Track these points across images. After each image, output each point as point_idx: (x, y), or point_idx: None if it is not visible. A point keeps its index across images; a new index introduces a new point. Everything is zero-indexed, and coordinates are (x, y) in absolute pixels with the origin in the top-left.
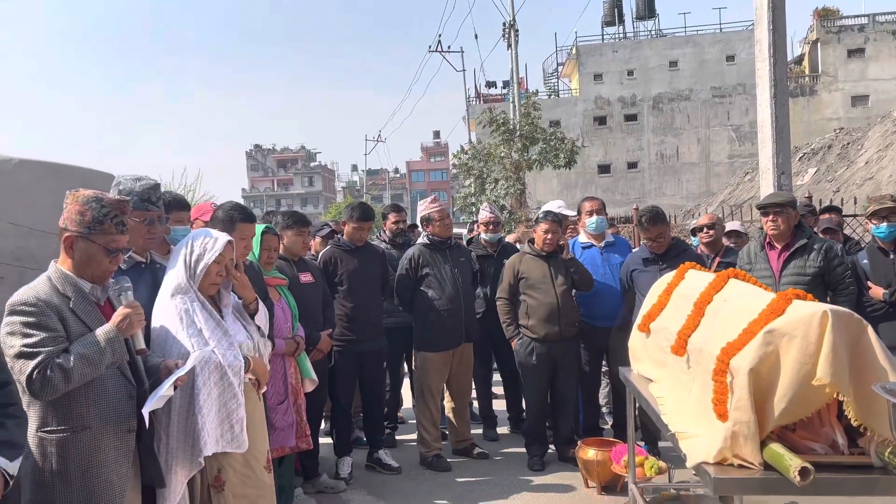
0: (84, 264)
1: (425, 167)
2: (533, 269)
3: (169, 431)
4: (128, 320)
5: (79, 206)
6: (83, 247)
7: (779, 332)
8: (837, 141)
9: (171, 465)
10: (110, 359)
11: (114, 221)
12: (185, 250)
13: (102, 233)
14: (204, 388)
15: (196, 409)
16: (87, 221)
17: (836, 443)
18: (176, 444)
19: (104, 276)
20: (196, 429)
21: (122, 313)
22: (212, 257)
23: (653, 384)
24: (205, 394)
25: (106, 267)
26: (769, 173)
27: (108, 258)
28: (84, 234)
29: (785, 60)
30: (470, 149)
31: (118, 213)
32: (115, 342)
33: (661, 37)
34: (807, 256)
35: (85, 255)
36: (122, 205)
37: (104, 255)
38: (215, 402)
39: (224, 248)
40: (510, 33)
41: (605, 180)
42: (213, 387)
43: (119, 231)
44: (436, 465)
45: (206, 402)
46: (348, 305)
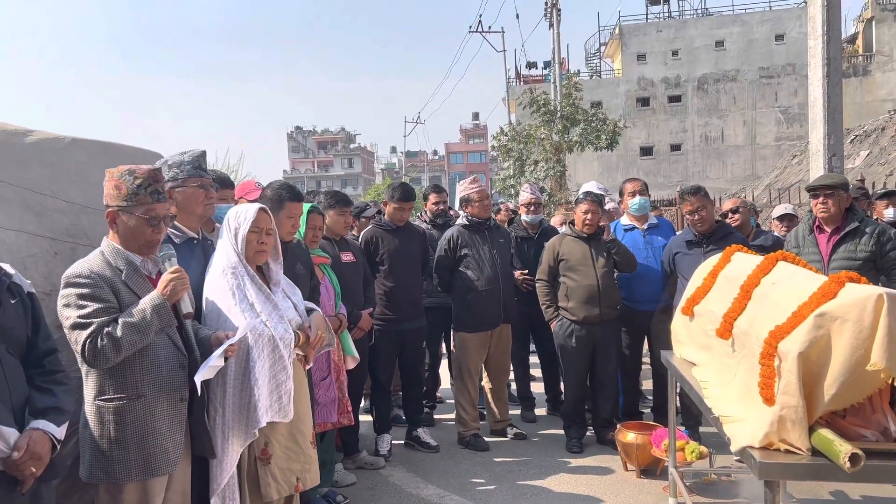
0: (129, 237)
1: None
2: (573, 250)
3: (225, 403)
4: (171, 285)
5: (114, 182)
6: (124, 220)
7: (831, 315)
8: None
9: (228, 436)
10: (157, 325)
11: (148, 191)
12: (226, 227)
13: (139, 204)
14: (259, 361)
15: (252, 381)
16: (124, 195)
17: (888, 430)
18: (232, 416)
19: (150, 247)
20: (252, 401)
21: (165, 279)
22: (247, 227)
23: (696, 368)
24: (259, 366)
25: (149, 237)
26: (819, 155)
27: (149, 228)
28: (123, 208)
29: (839, 38)
30: (510, 130)
31: (152, 182)
32: (161, 308)
33: (707, 16)
34: (858, 240)
35: (127, 227)
36: (154, 173)
37: (146, 224)
38: (267, 374)
39: (257, 216)
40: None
41: (648, 163)
42: (266, 359)
43: (155, 199)
44: (474, 445)
45: (261, 375)
46: (389, 285)
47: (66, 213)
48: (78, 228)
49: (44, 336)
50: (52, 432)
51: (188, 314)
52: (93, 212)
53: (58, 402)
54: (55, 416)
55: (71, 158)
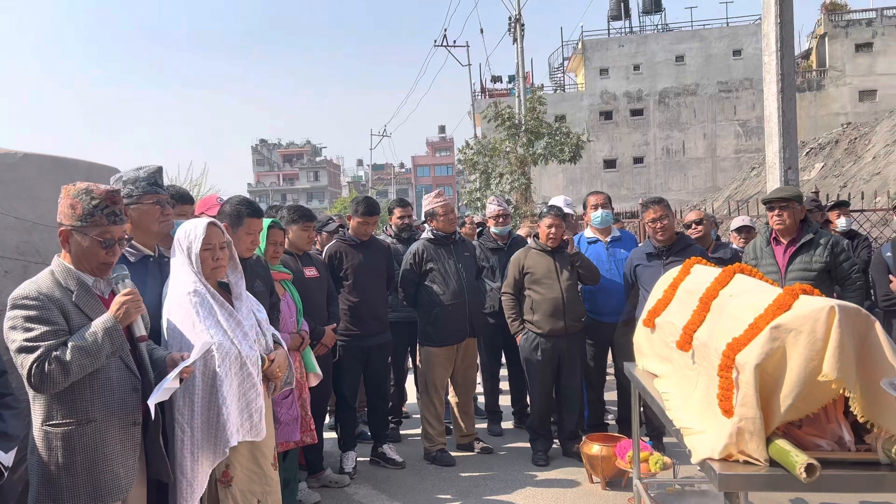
0: (81, 257)
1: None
2: (538, 263)
3: (193, 424)
4: (125, 307)
5: (70, 200)
6: (78, 240)
7: (785, 327)
8: (844, 136)
9: (198, 457)
10: (109, 348)
11: (104, 212)
12: (178, 246)
13: (94, 224)
14: (226, 380)
15: (220, 401)
16: (79, 214)
17: (843, 439)
18: (201, 436)
19: (103, 269)
20: (221, 420)
21: (118, 301)
22: (198, 246)
23: (658, 380)
24: (227, 385)
25: (103, 259)
26: (776, 168)
27: (103, 250)
28: (77, 227)
29: (792, 54)
30: (475, 144)
31: (109, 204)
32: (114, 331)
33: (667, 31)
34: (813, 252)
35: (80, 248)
36: (112, 195)
37: (99, 246)
38: (235, 392)
39: (207, 233)
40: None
41: (611, 175)
42: (234, 377)
43: (111, 221)
44: (440, 460)
45: (228, 393)
46: (353, 300)
47: (17, 230)
48: (29, 246)
49: None
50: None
51: (142, 337)
52: (44, 228)
53: (6, 427)
54: (3, 442)
55: (22, 174)
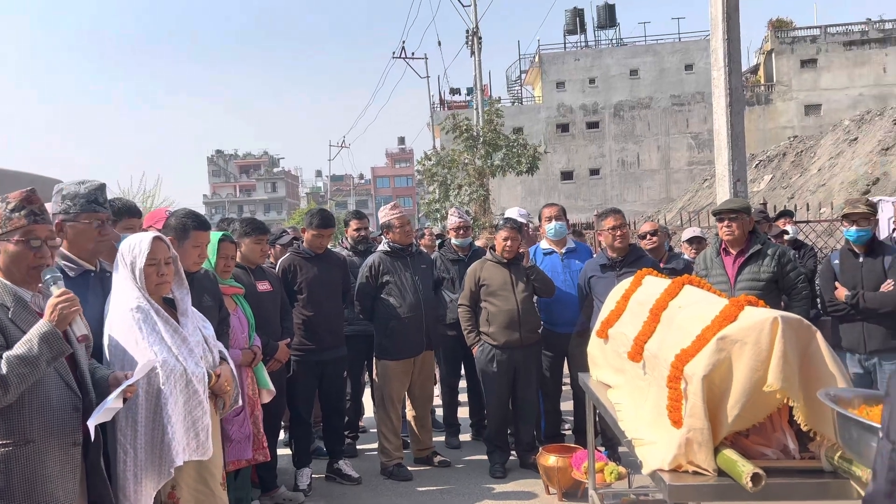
0: (11, 266)
1: (390, 173)
2: (494, 276)
3: (136, 444)
4: (58, 309)
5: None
6: (3, 248)
7: (731, 338)
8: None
9: (141, 479)
10: (48, 355)
11: (22, 213)
12: (121, 261)
13: (14, 228)
14: (171, 398)
15: (165, 420)
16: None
17: (788, 447)
18: (144, 457)
19: (34, 275)
20: (165, 439)
21: (52, 304)
22: (143, 261)
23: (611, 390)
24: (172, 403)
25: (32, 261)
26: (725, 180)
27: (30, 251)
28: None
29: (739, 70)
30: (433, 155)
31: (26, 204)
32: (50, 336)
33: (621, 46)
34: (761, 262)
35: (7, 255)
36: (28, 195)
37: (26, 248)
38: (181, 411)
39: (152, 247)
40: (473, 41)
41: (568, 187)
42: (179, 395)
43: (31, 221)
44: (397, 475)
45: (174, 412)
46: (307, 314)
47: None
48: None
49: None
50: None
51: (83, 337)
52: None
53: None
54: None
55: None
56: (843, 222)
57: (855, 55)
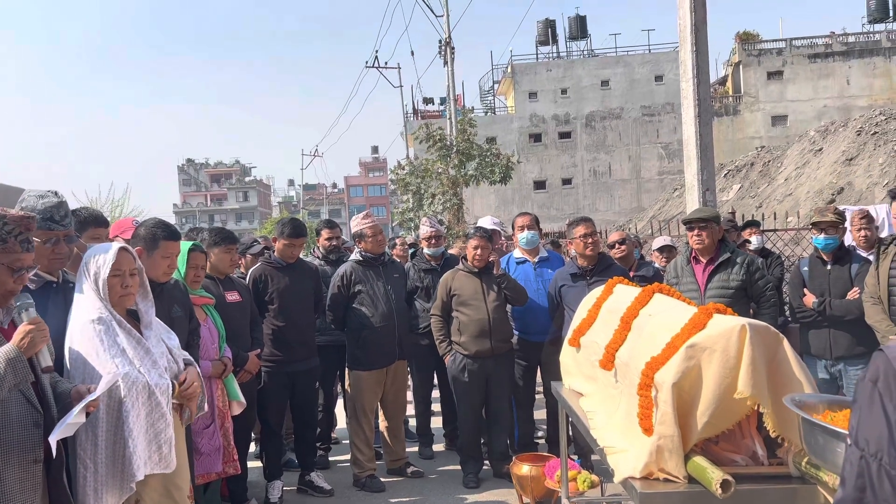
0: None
1: (364, 182)
2: (465, 285)
3: (97, 459)
4: (29, 337)
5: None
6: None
7: (700, 346)
8: (759, 159)
9: (101, 494)
10: (12, 380)
11: (18, 239)
12: (85, 271)
13: (6, 252)
14: (133, 411)
15: (126, 433)
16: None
17: (757, 454)
18: (105, 471)
19: (7, 297)
20: (127, 453)
21: (22, 330)
22: (107, 271)
23: (583, 398)
24: (134, 416)
25: (10, 287)
26: (695, 189)
27: (12, 278)
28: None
29: (708, 81)
30: (407, 164)
31: (23, 230)
32: (17, 362)
33: (592, 57)
34: (730, 270)
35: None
36: (26, 221)
37: (8, 274)
38: (143, 423)
39: (117, 259)
40: (446, 51)
41: (541, 196)
42: (142, 408)
43: (24, 249)
44: (369, 486)
45: (135, 425)
46: (279, 324)
47: None
48: None
49: None
50: None
51: (47, 368)
52: None
53: None
54: None
55: None
56: (812, 230)
57: (819, 67)
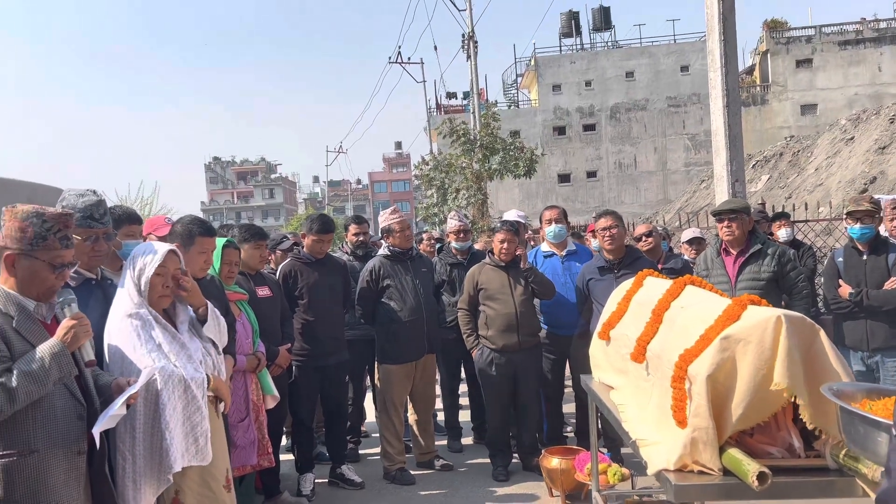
0: (28, 282)
1: (388, 178)
2: (492, 279)
3: (135, 451)
4: (73, 332)
5: (19, 223)
6: (26, 264)
7: (734, 337)
8: (788, 149)
9: (140, 485)
10: (57, 374)
11: (57, 236)
12: (130, 267)
13: (46, 249)
14: (169, 404)
15: (163, 426)
16: (29, 238)
17: (793, 446)
18: (143, 463)
19: (50, 293)
20: (164, 445)
21: (66, 326)
22: (152, 270)
23: (613, 391)
24: (170, 409)
25: (52, 283)
26: (723, 180)
27: (53, 274)
28: (27, 252)
29: (736, 70)
30: (431, 159)
31: (62, 227)
32: (61, 356)
33: (617, 48)
34: (761, 262)
35: (28, 272)
36: (65, 219)
37: (49, 271)
38: (180, 416)
39: (164, 259)
40: (469, 45)
41: (566, 189)
42: (178, 401)
43: (64, 246)
44: (399, 479)
45: (172, 418)
46: (309, 319)
47: None
48: None
49: None
50: None
51: (90, 362)
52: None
53: None
54: None
55: None
56: (847, 220)
57: (850, 55)
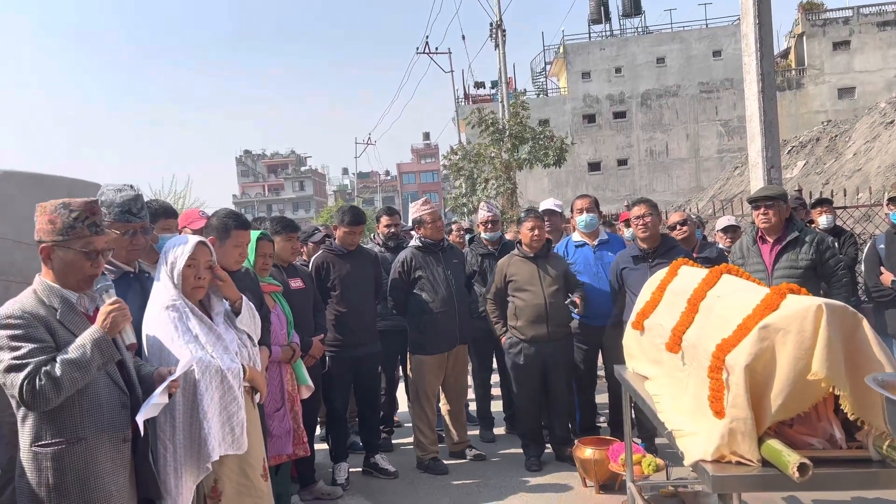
0: (65, 272)
1: (416, 169)
2: (521, 270)
3: (175, 440)
4: (111, 317)
5: (48, 216)
6: (60, 255)
7: (774, 327)
8: (825, 133)
9: (181, 473)
10: (99, 360)
11: (86, 223)
12: (163, 262)
13: (77, 237)
14: (207, 394)
15: (201, 415)
16: (59, 229)
17: (834, 437)
18: (183, 452)
19: (88, 282)
20: (202, 434)
21: (104, 311)
22: (183, 262)
23: (648, 382)
24: (208, 399)
25: (88, 271)
26: (758, 167)
27: (88, 262)
28: (59, 242)
29: (771, 54)
30: (459, 149)
31: (89, 215)
32: (102, 342)
33: (647, 34)
34: (799, 249)
35: (63, 262)
36: (91, 206)
37: (83, 258)
38: (217, 406)
39: (195, 251)
40: (497, 33)
41: (596, 178)
42: (215, 391)
43: (93, 232)
44: (433, 469)
45: (209, 408)
46: (341, 310)
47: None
48: (10, 265)
49: None
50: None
51: (131, 345)
52: (26, 247)
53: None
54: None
55: (2, 192)
56: (888, 205)
57: (889, 35)
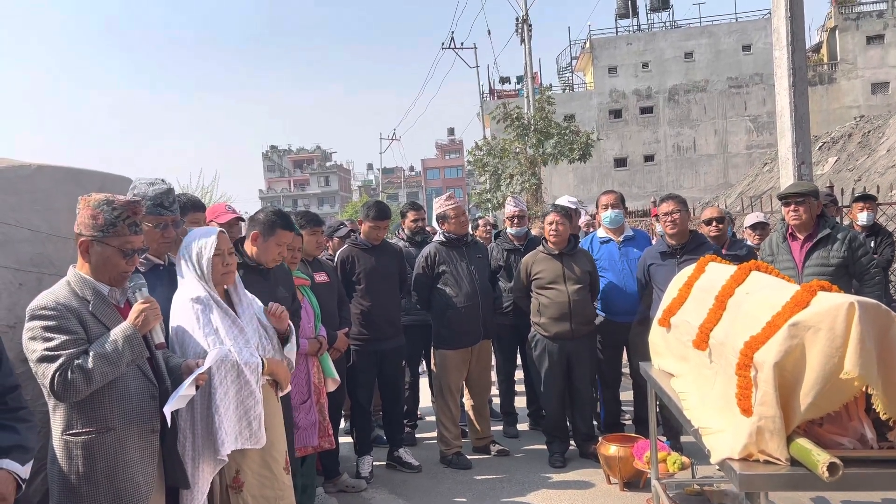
0: (101, 267)
1: (440, 164)
2: (545, 268)
3: (194, 431)
4: (143, 315)
5: (91, 211)
6: (98, 250)
7: (804, 324)
8: (858, 129)
9: (199, 464)
10: (129, 356)
11: (126, 223)
12: (185, 255)
13: (116, 235)
14: (220, 387)
15: (213, 408)
16: (101, 225)
17: (865, 437)
18: (201, 443)
19: (122, 278)
20: (214, 427)
21: (137, 309)
22: (210, 252)
23: (674, 379)
24: (221, 392)
25: (123, 268)
26: (789, 163)
27: (124, 259)
28: (98, 238)
29: (803, 48)
30: (484, 145)
31: (130, 214)
32: (133, 339)
33: (675, 28)
34: (830, 247)
35: (101, 258)
36: (133, 206)
37: (120, 256)
38: (233, 400)
39: (218, 240)
40: (523, 28)
41: (622, 174)
42: (230, 385)
43: (133, 232)
44: (456, 463)
45: (222, 401)
46: (366, 304)
47: (31, 242)
48: (43, 258)
49: (6, 372)
50: (17, 472)
51: (160, 344)
52: (59, 240)
53: (21, 440)
54: (19, 455)
55: (36, 186)
56: None
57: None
